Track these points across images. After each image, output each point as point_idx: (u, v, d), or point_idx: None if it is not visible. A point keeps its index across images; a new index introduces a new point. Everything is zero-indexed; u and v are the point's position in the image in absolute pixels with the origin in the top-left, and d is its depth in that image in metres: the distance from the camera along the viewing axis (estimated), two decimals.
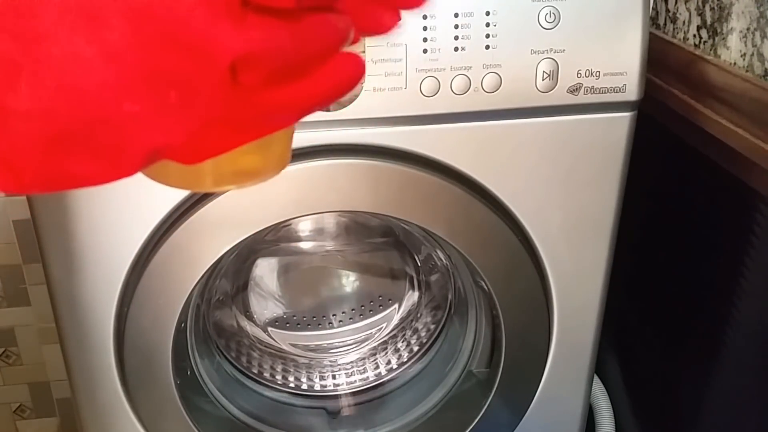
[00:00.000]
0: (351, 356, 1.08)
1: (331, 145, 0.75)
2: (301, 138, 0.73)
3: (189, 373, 0.91)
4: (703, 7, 0.87)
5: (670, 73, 0.90)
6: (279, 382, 1.04)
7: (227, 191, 0.94)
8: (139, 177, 0.28)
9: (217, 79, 0.24)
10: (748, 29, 0.78)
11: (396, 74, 0.72)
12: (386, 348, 1.09)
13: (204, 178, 0.33)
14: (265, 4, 0.24)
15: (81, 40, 0.23)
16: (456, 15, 0.71)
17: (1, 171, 0.24)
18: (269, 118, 0.27)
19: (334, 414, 1.03)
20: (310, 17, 0.25)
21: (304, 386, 1.05)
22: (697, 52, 0.87)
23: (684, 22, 0.92)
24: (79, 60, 0.23)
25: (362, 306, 1.09)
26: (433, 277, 1.07)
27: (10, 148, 0.24)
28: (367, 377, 1.06)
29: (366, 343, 1.09)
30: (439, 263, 1.04)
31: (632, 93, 0.75)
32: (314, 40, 0.25)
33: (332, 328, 1.09)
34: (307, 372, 1.07)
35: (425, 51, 0.71)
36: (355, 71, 0.27)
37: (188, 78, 0.24)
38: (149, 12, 0.23)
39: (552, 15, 0.72)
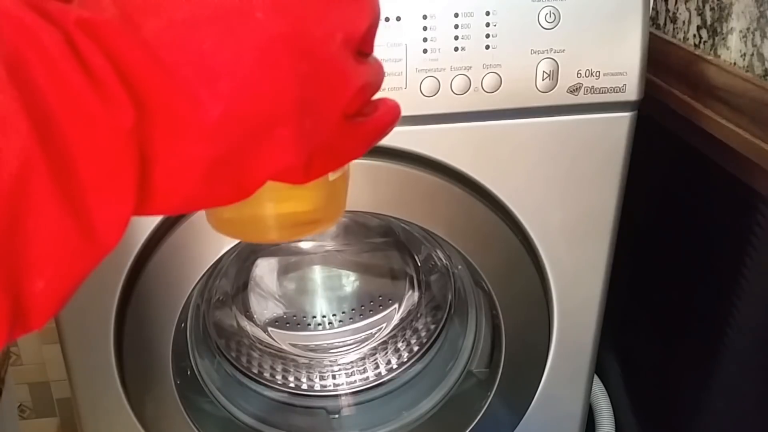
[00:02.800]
0: (351, 356, 1.08)
1: None
2: None
3: (189, 373, 0.91)
4: (703, 7, 0.87)
5: (670, 73, 0.90)
6: (279, 382, 1.04)
7: (288, 242, 0.95)
8: None
9: (341, 109, 0.29)
10: (748, 29, 0.78)
11: (396, 74, 0.72)
12: (386, 348, 1.08)
13: (268, 231, 0.35)
14: (365, 51, 0.30)
15: (253, 70, 0.26)
16: (456, 15, 0.71)
17: (156, 195, 0.26)
18: (355, 146, 0.31)
19: (334, 414, 1.03)
20: (377, 59, 0.31)
21: (304, 386, 1.05)
22: (697, 52, 0.87)
23: (684, 22, 0.92)
24: (250, 86, 0.26)
25: (362, 306, 1.09)
26: (433, 277, 1.06)
27: (175, 171, 0.26)
28: (367, 377, 1.06)
29: (366, 343, 1.09)
30: (439, 263, 1.04)
31: (632, 93, 0.75)
32: (381, 78, 0.31)
33: (332, 328, 1.09)
34: (307, 372, 1.07)
35: (425, 51, 0.71)
36: (399, 109, 0.32)
37: (322, 107, 0.28)
38: (308, 49, 0.27)
39: (552, 15, 0.72)
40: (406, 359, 1.06)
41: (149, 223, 0.76)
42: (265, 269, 1.06)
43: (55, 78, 0.23)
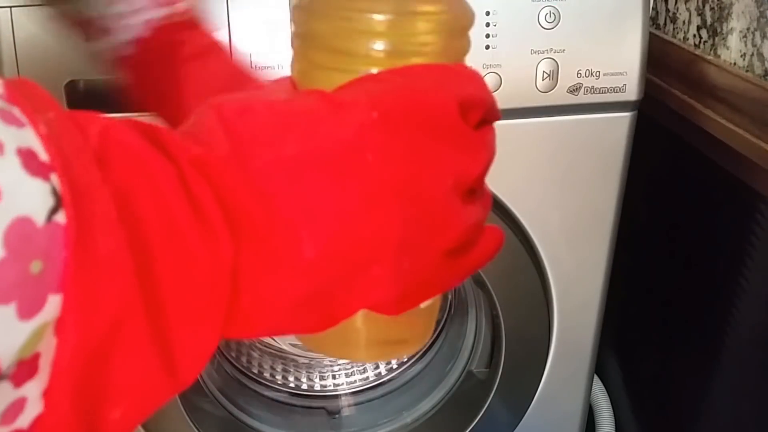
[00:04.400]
0: None
1: None
2: None
3: None
4: (703, 7, 0.87)
5: (670, 73, 0.90)
6: (279, 382, 1.04)
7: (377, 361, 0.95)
8: None
9: (444, 249, 0.28)
10: (748, 29, 0.78)
11: None
12: None
13: (358, 351, 0.34)
14: (476, 188, 0.29)
15: (357, 214, 0.25)
16: None
17: (240, 324, 0.25)
18: (453, 279, 0.30)
19: (334, 414, 1.03)
20: (486, 192, 0.31)
21: (304, 386, 1.05)
22: (697, 52, 0.87)
23: (684, 22, 0.91)
24: (352, 229, 0.25)
25: None
26: None
27: (265, 304, 0.25)
28: (367, 377, 1.06)
29: None
30: None
31: (632, 93, 0.75)
32: (488, 210, 0.30)
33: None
34: (307, 372, 1.07)
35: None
36: (502, 239, 0.31)
37: (423, 248, 0.27)
38: (416, 194, 0.26)
39: (552, 15, 0.72)
40: (406, 359, 1.06)
41: None
42: None
43: (163, 215, 0.23)
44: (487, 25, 0.71)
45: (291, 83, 0.31)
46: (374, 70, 0.28)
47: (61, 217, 0.20)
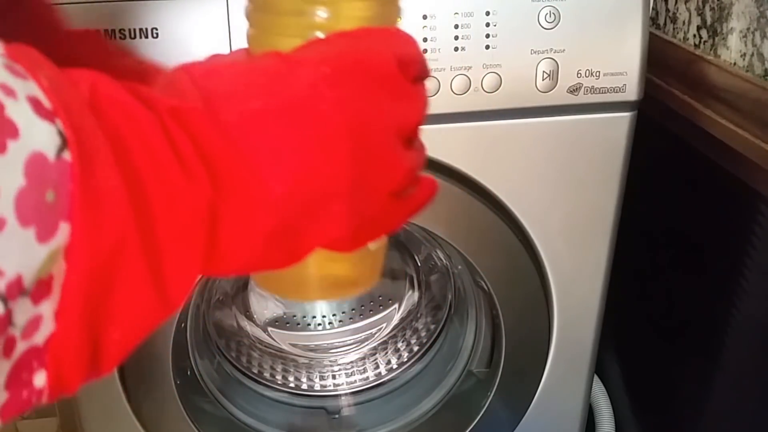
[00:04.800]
0: (351, 356, 1.08)
1: None
2: None
3: (189, 373, 0.91)
4: (703, 7, 0.87)
5: (670, 73, 0.90)
6: (279, 382, 1.04)
7: (328, 300, 0.98)
8: None
9: (389, 190, 0.32)
10: (748, 29, 0.78)
11: None
12: (386, 348, 1.08)
13: (311, 291, 0.38)
14: (413, 138, 0.33)
15: (315, 156, 0.29)
16: (456, 15, 0.71)
17: (219, 259, 0.29)
18: (397, 219, 0.34)
19: (334, 414, 1.03)
20: (422, 142, 0.34)
21: (304, 386, 1.05)
22: (697, 52, 0.87)
23: (684, 22, 0.91)
24: (311, 169, 0.29)
25: (362, 306, 1.09)
26: (433, 277, 1.06)
27: (239, 239, 0.29)
28: (367, 377, 1.06)
29: (366, 343, 1.08)
30: (439, 263, 1.04)
31: (632, 93, 0.75)
32: (425, 159, 0.34)
33: (332, 328, 1.09)
34: (307, 372, 1.07)
35: (425, 51, 0.71)
36: (436, 186, 0.35)
37: (373, 188, 0.31)
38: (365, 138, 0.30)
39: (552, 15, 0.72)
40: (406, 359, 1.06)
41: None
42: None
43: (149, 156, 0.26)
44: (487, 25, 0.71)
45: (247, 53, 0.36)
46: (321, 35, 0.32)
47: (67, 155, 0.23)
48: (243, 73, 0.30)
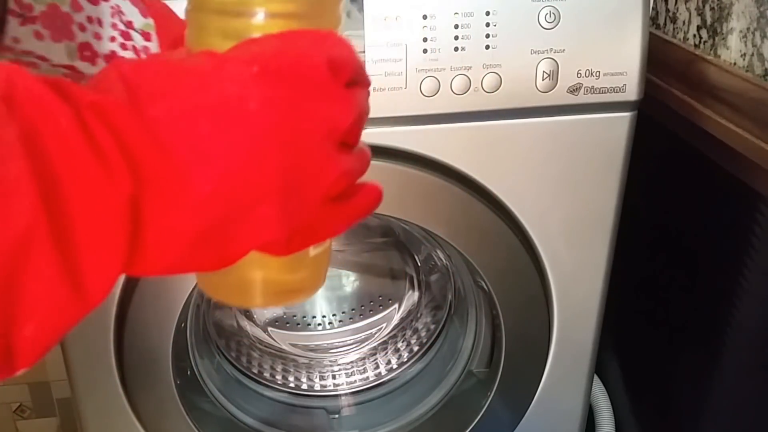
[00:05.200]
0: (351, 356, 1.08)
1: None
2: None
3: (189, 373, 0.91)
4: (703, 7, 0.87)
5: (670, 73, 0.90)
6: (279, 382, 1.04)
7: (272, 307, 0.98)
8: None
9: (322, 193, 0.32)
10: (748, 29, 0.78)
11: (396, 74, 0.72)
12: (386, 348, 1.09)
13: (254, 297, 0.37)
14: (349, 142, 0.33)
15: (243, 156, 0.29)
16: (456, 15, 0.71)
17: (144, 259, 0.29)
18: (334, 225, 0.34)
19: (334, 414, 1.03)
20: (363, 149, 0.34)
21: (304, 386, 1.05)
22: (697, 52, 0.87)
23: (684, 22, 0.92)
24: (238, 169, 0.29)
25: (362, 306, 1.09)
26: (433, 277, 1.06)
27: (164, 239, 0.29)
28: (367, 377, 1.06)
29: (366, 343, 1.09)
30: (439, 263, 1.04)
31: (632, 93, 0.75)
32: (365, 166, 0.34)
33: (332, 328, 1.09)
34: (307, 372, 1.07)
35: (425, 51, 0.71)
36: (380, 193, 0.35)
37: (304, 191, 0.31)
38: (294, 140, 0.30)
39: (552, 15, 0.72)
40: (406, 359, 1.06)
41: None
42: None
43: (64, 149, 0.26)
44: (487, 25, 0.71)
45: (186, 50, 0.35)
46: (256, 35, 0.32)
47: None
48: (173, 70, 0.30)
